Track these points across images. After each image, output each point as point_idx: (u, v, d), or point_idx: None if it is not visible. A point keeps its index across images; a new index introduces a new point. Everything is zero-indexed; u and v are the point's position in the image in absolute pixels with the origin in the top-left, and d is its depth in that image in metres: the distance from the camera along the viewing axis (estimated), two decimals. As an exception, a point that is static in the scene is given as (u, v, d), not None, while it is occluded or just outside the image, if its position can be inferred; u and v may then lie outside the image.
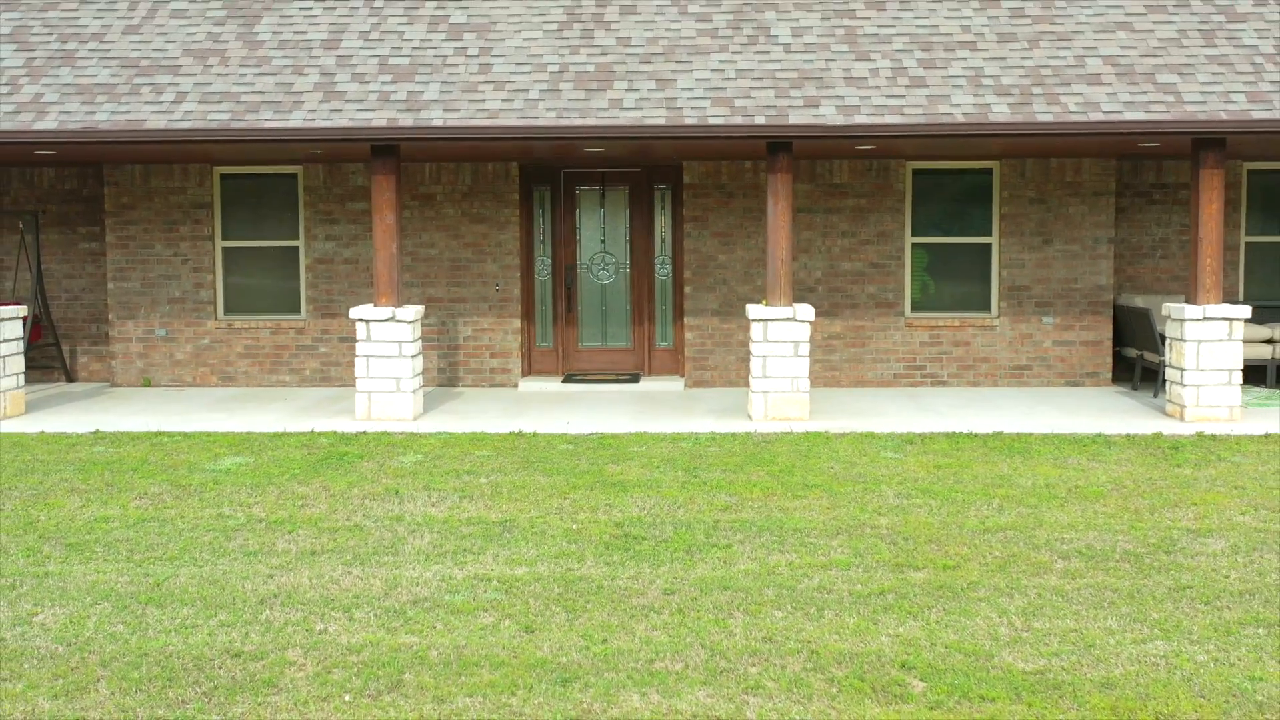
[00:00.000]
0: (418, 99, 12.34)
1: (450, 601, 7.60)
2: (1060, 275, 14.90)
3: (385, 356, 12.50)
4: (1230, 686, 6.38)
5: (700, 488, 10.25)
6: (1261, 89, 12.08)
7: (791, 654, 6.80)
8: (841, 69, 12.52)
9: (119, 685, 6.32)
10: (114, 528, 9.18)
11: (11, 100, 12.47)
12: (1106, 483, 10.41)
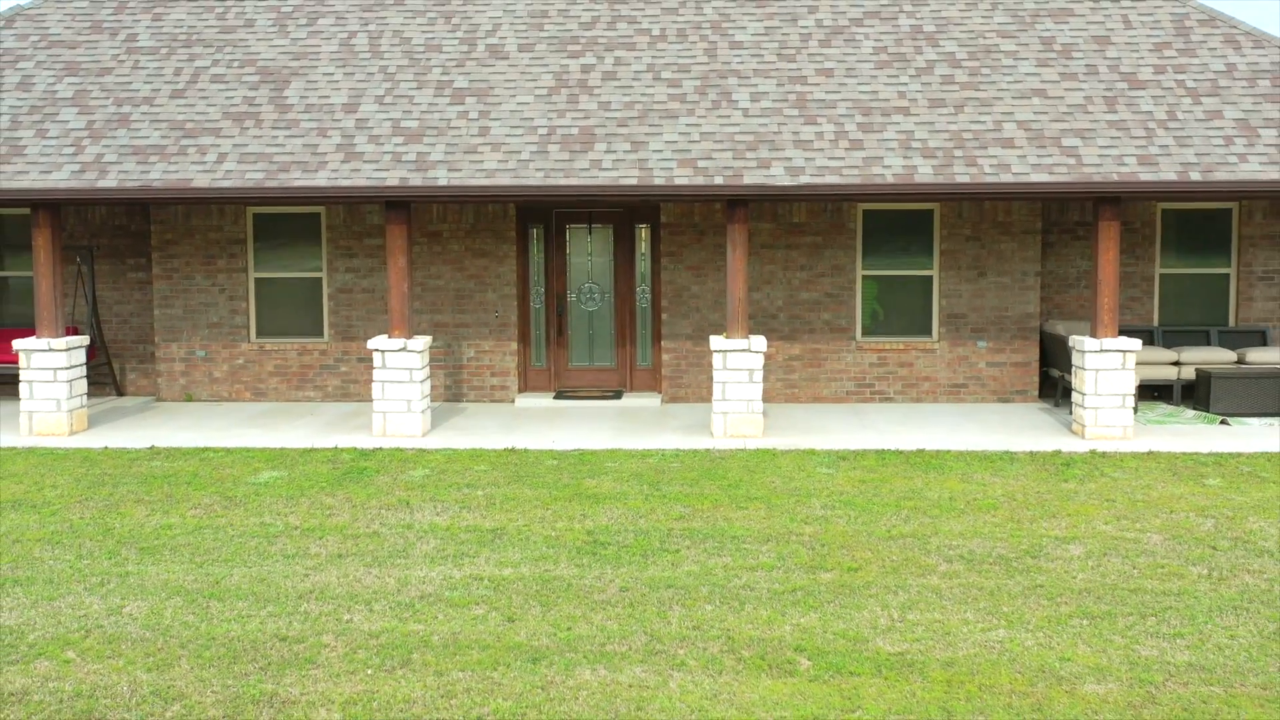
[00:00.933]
0: (425, 159, 14.24)
1: (449, 597, 9.52)
2: (993, 304, 16.76)
3: (398, 381, 14.44)
4: (1044, 665, 8.27)
5: (660, 500, 12.17)
6: (1151, 152, 13.91)
7: (713, 639, 8.71)
8: (791, 132, 14.39)
9: (195, 662, 8.26)
10: (176, 534, 11.13)
11: (76, 160, 14.40)
12: (1001, 496, 12.30)
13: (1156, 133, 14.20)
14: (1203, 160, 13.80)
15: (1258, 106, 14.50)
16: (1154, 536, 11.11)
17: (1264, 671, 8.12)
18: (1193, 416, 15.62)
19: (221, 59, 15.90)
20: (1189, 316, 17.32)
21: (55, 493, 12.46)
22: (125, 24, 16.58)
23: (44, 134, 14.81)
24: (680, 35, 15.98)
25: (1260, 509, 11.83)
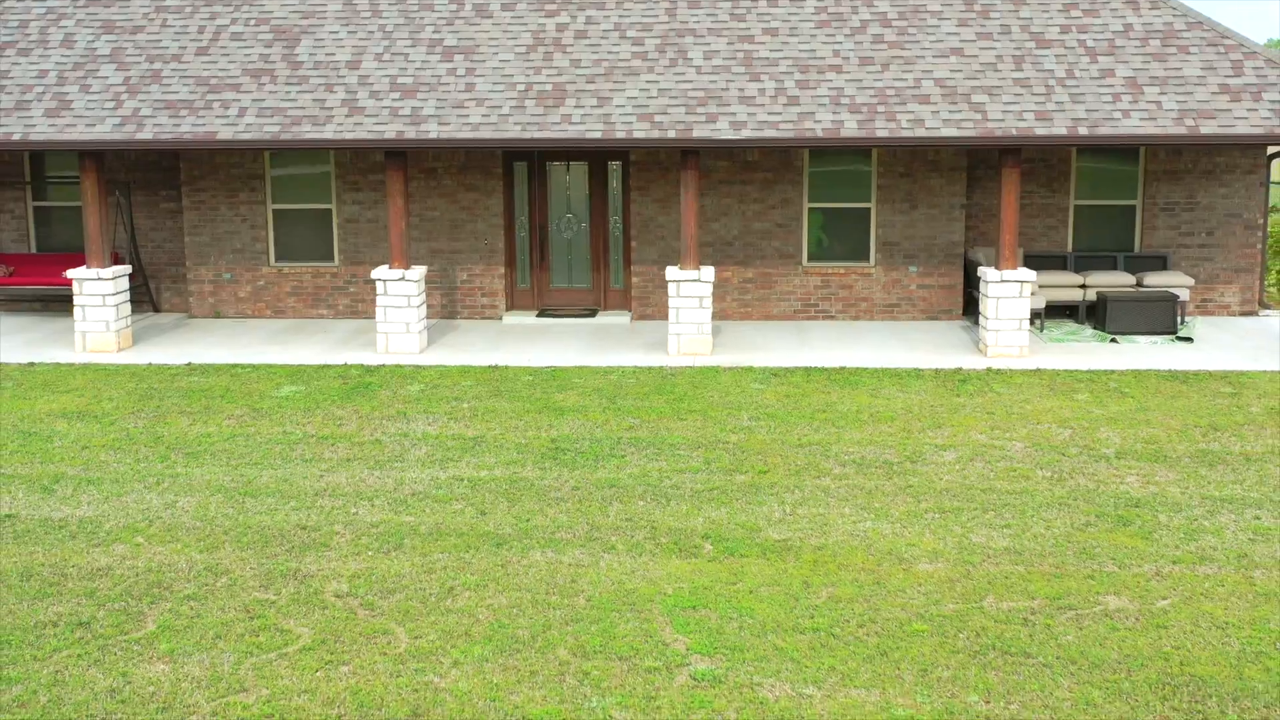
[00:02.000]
0: (419, 114, 16.30)
1: (435, 494, 11.87)
2: (923, 233, 18.85)
3: (398, 307, 16.68)
4: (893, 549, 10.60)
5: (615, 412, 14.47)
6: (1048, 108, 15.90)
7: (640, 529, 11.06)
8: (737, 89, 16.39)
9: (235, 545, 10.63)
10: (214, 441, 13.48)
11: (117, 114, 16.49)
12: (900, 409, 14.57)
13: (1055, 90, 16.17)
14: (1091, 116, 15.78)
15: (1146, 65, 16.43)
16: (1017, 445, 13.40)
17: (1061, 555, 10.44)
18: (1090, 335, 17.80)
19: (239, 17, 17.87)
20: (1100, 243, 19.38)
21: (111, 404, 14.81)
22: (153, -16, 18.54)
23: (87, 89, 16.89)
24: (645, -4, 17.91)
25: (1113, 421, 14.09)
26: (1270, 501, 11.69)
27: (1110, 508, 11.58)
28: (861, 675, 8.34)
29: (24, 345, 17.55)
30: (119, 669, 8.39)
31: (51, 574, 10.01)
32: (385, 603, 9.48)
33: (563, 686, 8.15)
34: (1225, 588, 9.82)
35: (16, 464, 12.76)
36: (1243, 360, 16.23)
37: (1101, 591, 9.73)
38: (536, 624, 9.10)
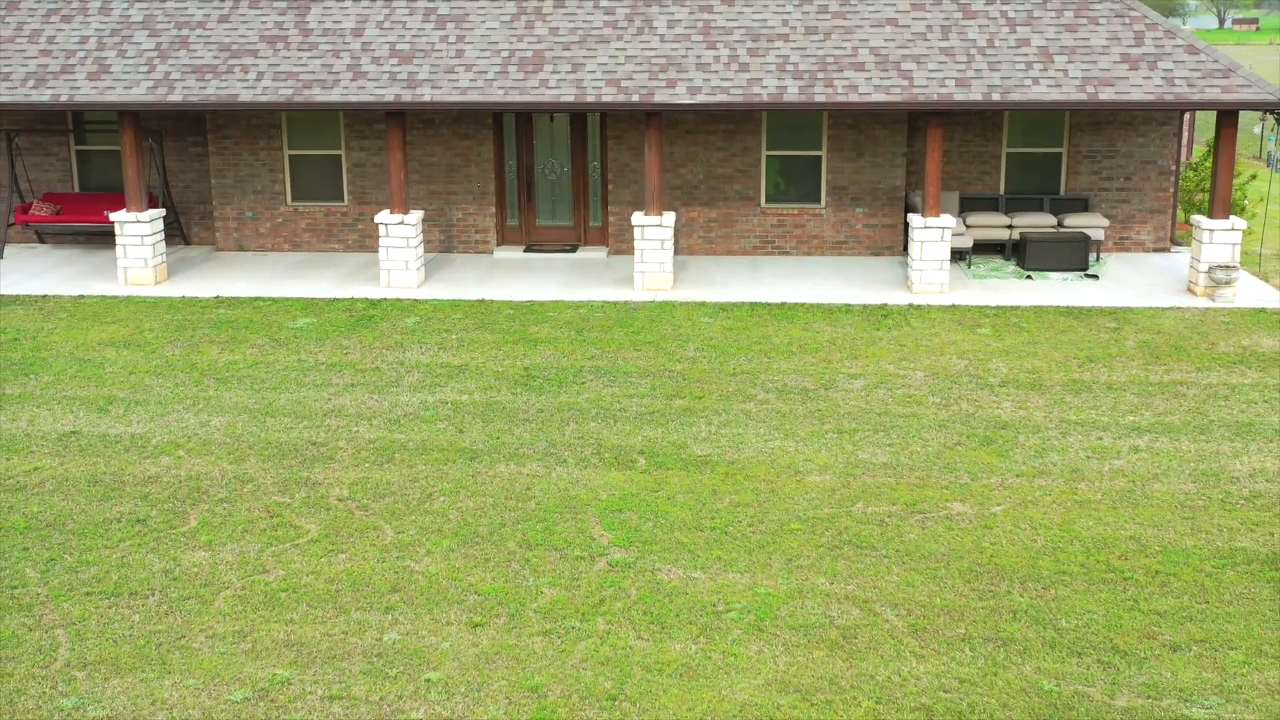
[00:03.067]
0: (415, 78, 18.39)
1: (423, 415, 14.23)
2: (869, 178, 20.91)
3: (398, 247, 18.93)
4: (791, 463, 12.93)
5: (581, 343, 16.76)
6: (967, 75, 17.88)
7: (588, 445, 13.40)
8: (695, 56, 18.41)
9: (259, 458, 13.03)
10: (240, 368, 15.85)
11: (150, 78, 18.63)
12: (825, 341, 16.82)
13: (975, 58, 18.13)
14: (1005, 83, 17.77)
15: (1058, 36, 18.35)
16: (918, 374, 15.66)
17: (928, 469, 12.76)
18: (1011, 272, 19.94)
19: (256, -14, 19.91)
20: (1029, 186, 21.40)
21: (152, 334, 17.19)
22: (179, -47, 20.54)
23: (124, 54, 19.01)
24: (618, -34, 19.83)
25: (1005, 353, 16.32)
26: (1116, 425, 13.96)
27: (981, 429, 13.87)
28: (740, 563, 10.72)
29: (73, 278, 19.90)
30: (170, 555, 10.83)
31: (112, 481, 12.46)
32: (376, 505, 11.89)
33: (508, 570, 10.56)
34: (1051, 497, 12.14)
35: (75, 388, 15.17)
36: (1134, 297, 18.38)
37: (950, 499, 12.07)
38: (494, 522, 11.50)
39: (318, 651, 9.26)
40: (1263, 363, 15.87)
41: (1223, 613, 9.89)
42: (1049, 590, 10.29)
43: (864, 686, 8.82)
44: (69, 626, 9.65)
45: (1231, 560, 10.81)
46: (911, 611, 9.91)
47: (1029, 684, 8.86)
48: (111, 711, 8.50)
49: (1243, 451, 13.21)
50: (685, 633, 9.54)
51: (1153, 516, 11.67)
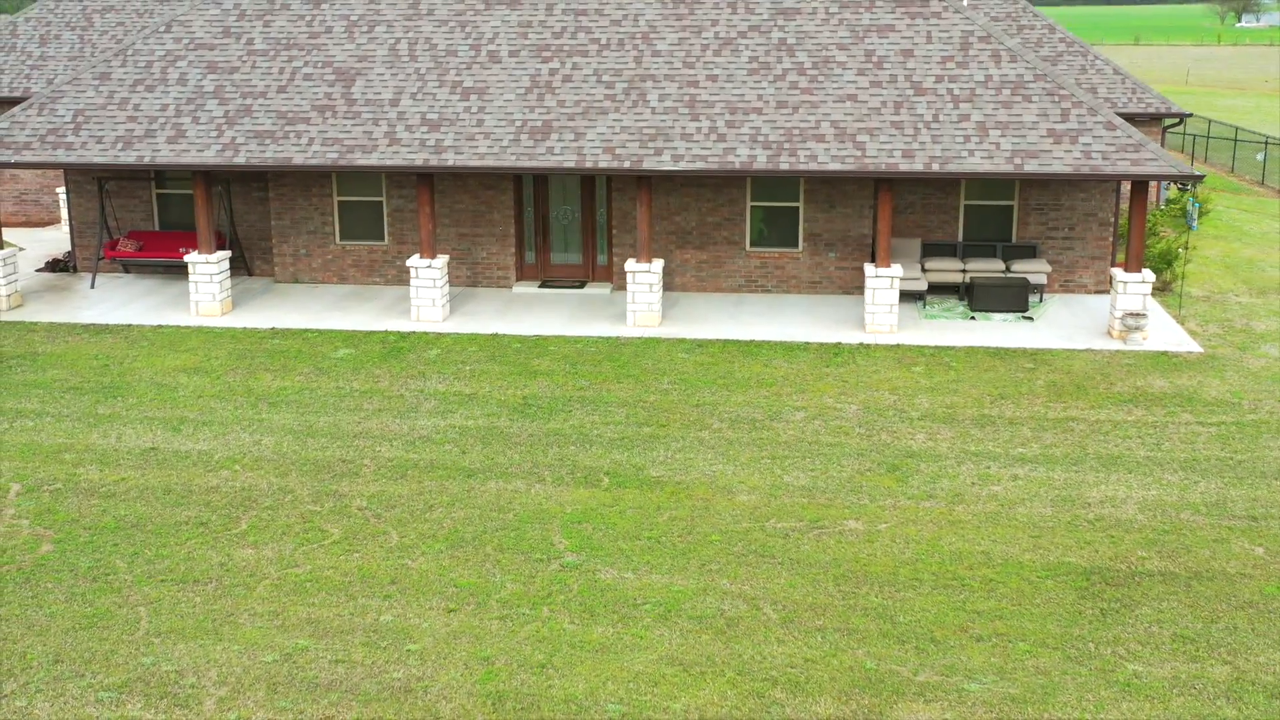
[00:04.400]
0: (441, 144, 21.37)
1: (434, 438, 17.19)
2: (840, 227, 23.60)
3: (426, 287, 21.95)
4: (728, 484, 15.73)
5: (574, 375, 19.66)
6: (913, 147, 20.53)
7: (565, 466, 16.29)
8: (680, 127, 21.22)
9: (299, 473, 16.07)
10: (289, 393, 18.92)
11: (219, 141, 21.78)
12: (780, 376, 19.57)
13: (921, 132, 20.78)
14: (945, 154, 20.41)
15: (995, 111, 20.94)
16: (853, 407, 18.39)
17: (837, 491, 15.50)
18: (960, 313, 22.56)
19: (310, 60, 22.98)
20: (984, 234, 23.98)
21: (217, 362, 20.33)
22: (245, 30, 23.66)
23: (197, 120, 22.18)
24: (619, 44, 22.65)
25: (931, 390, 18.99)
26: (1006, 455, 16.63)
27: (891, 458, 16.60)
28: (663, 566, 13.57)
29: (152, 309, 23.13)
30: (225, 551, 13.90)
31: (182, 490, 15.56)
32: (388, 514, 14.89)
33: (482, 569, 13.50)
34: (930, 517, 14.87)
35: (153, 409, 18.34)
36: (1058, 339, 20.96)
37: (847, 517, 14.84)
38: (478, 530, 14.45)
39: (330, 627, 12.26)
40: (1149, 402, 18.43)
41: (1028, 613, 12.60)
42: (899, 592, 13.04)
43: (732, 663, 11.65)
44: (148, 605, 12.73)
45: (1055, 572, 13.49)
46: (786, 607, 12.72)
47: (856, 663, 11.65)
48: (178, 667, 11.55)
49: (1103, 481, 15.84)
50: (608, 620, 12.43)
51: (1006, 535, 14.37)
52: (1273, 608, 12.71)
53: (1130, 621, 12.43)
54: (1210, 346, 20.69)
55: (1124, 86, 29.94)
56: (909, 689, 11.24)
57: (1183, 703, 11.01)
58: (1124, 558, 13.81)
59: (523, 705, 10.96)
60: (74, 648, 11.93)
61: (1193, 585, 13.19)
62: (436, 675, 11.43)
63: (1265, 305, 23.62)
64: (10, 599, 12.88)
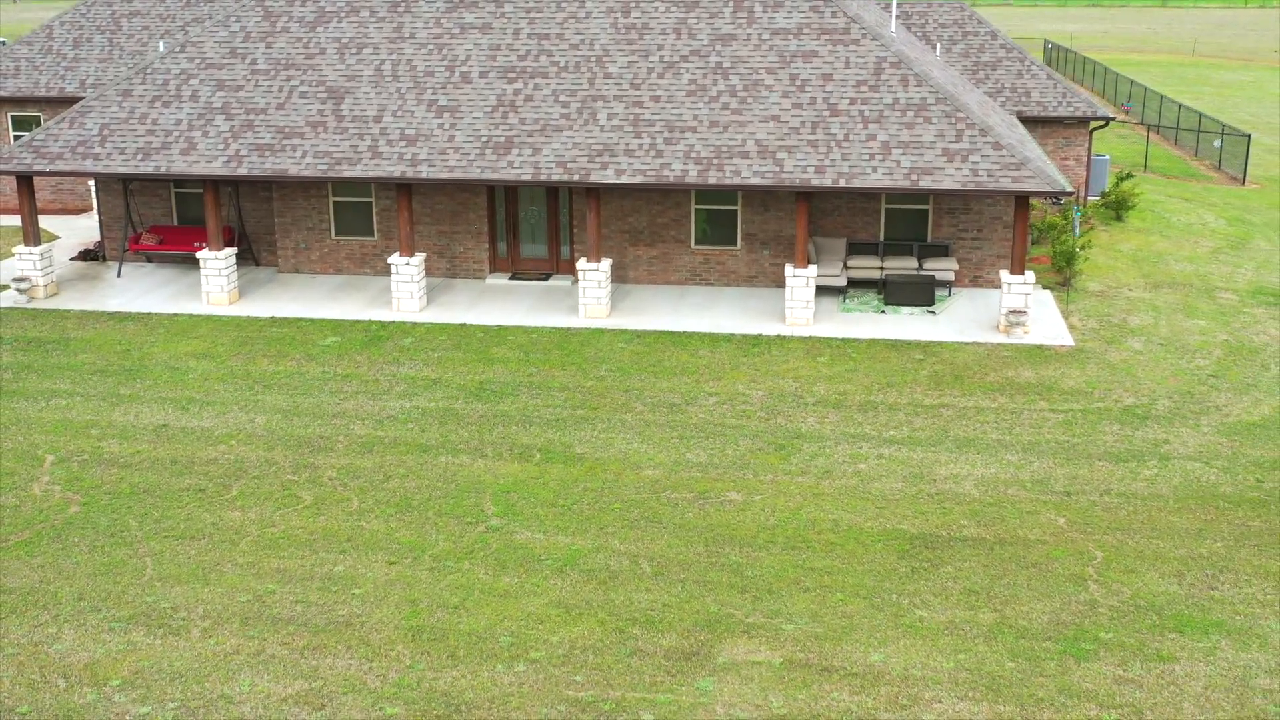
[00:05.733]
0: (416, 158, 24.27)
1: (400, 417, 20.21)
2: (774, 227, 26.39)
3: (404, 281, 24.93)
4: (638, 460, 18.67)
5: (526, 363, 22.61)
6: (824, 164, 23.27)
7: (505, 444, 19.29)
8: (624, 144, 24.02)
9: (284, 446, 19.14)
10: (281, 377, 21.97)
11: (225, 154, 24.75)
12: (703, 365, 22.45)
13: (833, 150, 23.51)
14: (852, 170, 23.15)
15: (899, 132, 23.63)
16: (759, 393, 21.28)
17: (727, 467, 18.43)
18: (874, 307, 25.35)
19: (305, 79, 25.88)
20: (903, 234, 26.71)
21: (222, 348, 23.41)
22: (250, 51, 26.56)
23: (206, 134, 25.16)
24: (576, 67, 25.42)
25: (830, 378, 21.84)
26: (878, 437, 19.50)
27: (781, 439, 19.51)
28: (569, 529, 16.58)
29: (169, 298, 26.23)
30: (217, 513, 17.00)
31: (186, 461, 18.67)
32: (353, 483, 17.94)
33: (422, 530, 16.55)
34: (800, 490, 17.80)
35: (165, 390, 21.43)
36: (953, 332, 23.75)
37: (730, 490, 17.78)
38: (425, 498, 17.49)
39: (294, 575, 15.36)
40: (1013, 391, 21.24)
41: (852, 570, 15.55)
42: (754, 552, 16.01)
43: (605, 606, 14.68)
44: (153, 556, 15.86)
45: (887, 537, 16.42)
46: (659, 563, 15.72)
47: (703, 608, 14.64)
48: (173, 605, 14.67)
49: (953, 460, 18.71)
50: (515, 572, 15.46)
51: (857, 505, 17.30)
52: (1053, 568, 15.62)
53: (932, 577, 15.37)
54: (1082, 340, 23.47)
55: (1055, 91, 32.50)
56: (739, 628, 14.24)
57: (949, 640, 13.97)
58: (948, 526, 16.74)
59: (435, 637, 14.04)
60: (93, 589, 15.09)
61: (995, 549, 16.11)
62: (372, 613, 14.52)
63: (1152, 300, 26.32)
64: (44, 550, 16.05)
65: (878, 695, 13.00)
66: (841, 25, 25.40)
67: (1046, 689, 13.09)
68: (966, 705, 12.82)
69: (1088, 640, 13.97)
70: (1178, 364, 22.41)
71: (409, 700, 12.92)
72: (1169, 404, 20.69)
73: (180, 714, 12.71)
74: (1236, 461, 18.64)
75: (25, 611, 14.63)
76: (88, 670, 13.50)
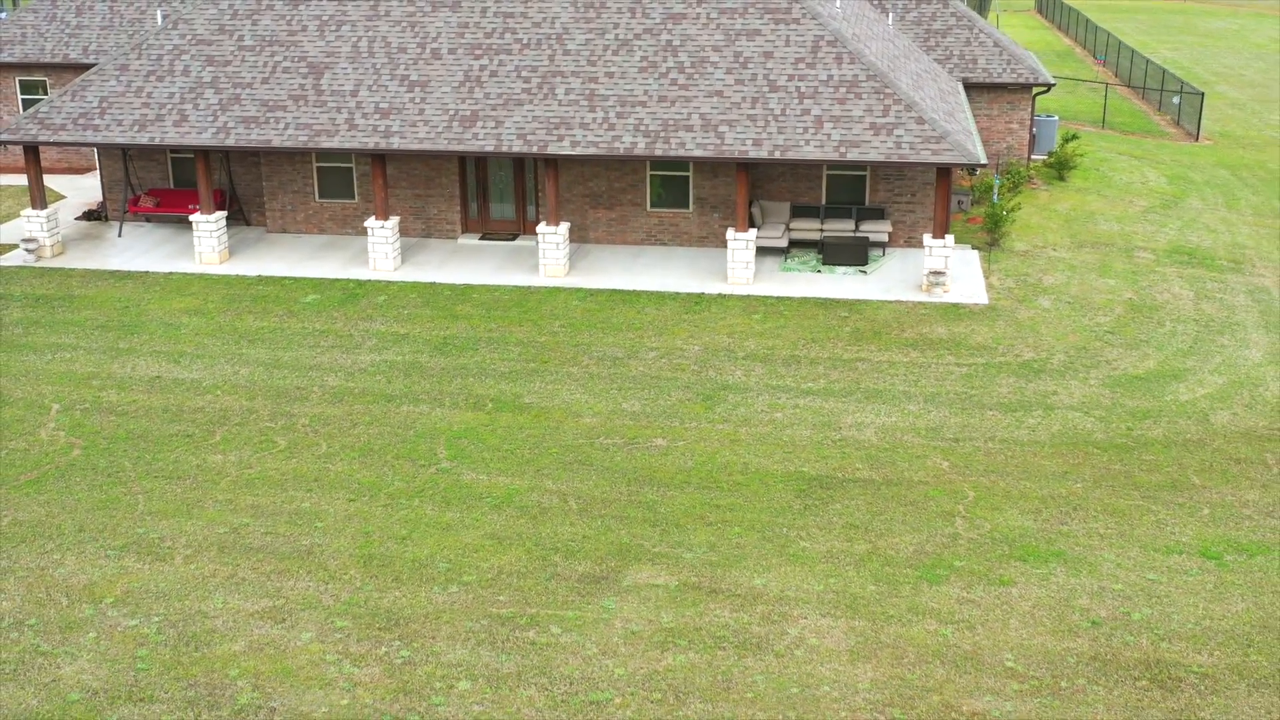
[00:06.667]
0: (389, 130, 26.20)
1: (369, 370, 22.34)
2: (723, 192, 28.32)
3: (380, 243, 26.96)
4: (578, 409, 20.80)
5: (486, 320, 24.68)
6: (761, 137, 25.15)
7: (461, 394, 21.42)
8: (580, 118, 25.92)
9: (263, 397, 21.30)
10: (264, 332, 24.08)
11: (214, 126, 26.71)
12: (647, 321, 24.49)
13: (770, 124, 25.39)
14: (786, 143, 25.04)
15: (831, 107, 25.48)
16: (696, 348, 23.34)
17: (658, 415, 20.53)
18: (812, 266, 27.32)
19: (288, 55, 27.75)
20: (843, 198, 28.62)
21: (212, 305, 25.52)
22: (237, 28, 28.42)
23: (197, 106, 27.10)
24: (538, 44, 27.25)
25: (761, 334, 23.88)
26: (797, 389, 21.57)
27: (709, 390, 21.60)
28: (510, 471, 18.73)
29: (165, 258, 28.31)
30: (201, 456, 19.19)
31: (176, 409, 20.84)
32: (323, 429, 20.11)
33: (380, 471, 18.72)
34: (720, 436, 19.90)
35: (160, 344, 23.57)
36: (879, 291, 25.74)
37: (657, 435, 19.91)
38: (386, 443, 19.65)
39: (266, 511, 17.57)
40: (925, 346, 23.28)
41: (752, 507, 17.71)
42: (669, 491, 18.16)
43: (532, 537, 16.87)
44: (144, 494, 18.09)
45: (789, 479, 18.56)
46: (585, 501, 17.89)
47: (617, 539, 16.83)
48: (160, 535, 16.90)
49: (860, 410, 20.80)
50: (457, 508, 17.66)
51: (768, 450, 19.42)
52: (928, 506, 17.76)
53: (821, 513, 17.54)
54: (996, 299, 25.47)
55: (1001, 59, 34.21)
56: (645, 556, 16.43)
57: (823, 568, 16.15)
58: (844, 468, 18.87)
59: (383, 563, 16.27)
60: (92, 521, 17.33)
61: (881, 489, 18.25)
62: (330, 543, 16.74)
63: (1072, 259, 28.25)
64: (50, 488, 18.28)
65: (754, 612, 15.20)
66: (784, 5, 27.17)
67: (898, 608, 15.28)
68: (827, 621, 15.02)
69: (943, 567, 16.14)
70: (1080, 321, 24.43)
71: (356, 615, 15.16)
72: (1064, 358, 22.74)
73: (163, 626, 14.98)
74: (1113, 411, 20.72)
75: (33, 541, 16.89)
76: (86, 590, 15.77)
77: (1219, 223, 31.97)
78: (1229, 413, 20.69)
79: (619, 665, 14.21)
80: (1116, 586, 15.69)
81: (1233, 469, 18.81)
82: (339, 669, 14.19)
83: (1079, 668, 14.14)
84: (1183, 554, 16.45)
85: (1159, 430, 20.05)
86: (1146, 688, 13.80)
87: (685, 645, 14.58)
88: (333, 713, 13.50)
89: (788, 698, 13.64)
